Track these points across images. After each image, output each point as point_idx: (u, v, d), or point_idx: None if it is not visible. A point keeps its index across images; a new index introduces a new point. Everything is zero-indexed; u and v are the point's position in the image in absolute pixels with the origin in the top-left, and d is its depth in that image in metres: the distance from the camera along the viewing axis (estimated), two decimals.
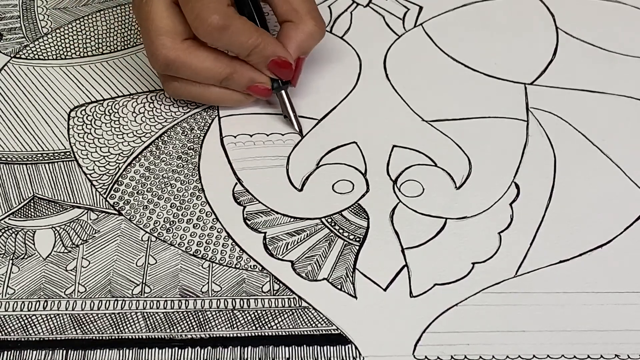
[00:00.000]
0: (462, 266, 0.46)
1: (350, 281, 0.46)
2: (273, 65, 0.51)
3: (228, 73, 0.51)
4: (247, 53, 0.50)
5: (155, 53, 0.50)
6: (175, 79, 0.52)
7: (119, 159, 0.52)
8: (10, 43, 0.59)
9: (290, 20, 0.52)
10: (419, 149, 0.52)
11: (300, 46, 0.52)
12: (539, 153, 0.52)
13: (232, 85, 0.52)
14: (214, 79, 0.51)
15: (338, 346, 0.44)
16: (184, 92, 0.52)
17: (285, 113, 0.53)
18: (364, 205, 0.49)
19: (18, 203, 0.50)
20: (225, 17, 0.48)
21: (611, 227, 0.48)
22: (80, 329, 0.44)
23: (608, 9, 0.61)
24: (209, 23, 0.48)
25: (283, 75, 0.52)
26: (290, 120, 0.53)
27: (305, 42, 0.52)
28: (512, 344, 0.44)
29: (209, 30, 0.48)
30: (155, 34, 0.49)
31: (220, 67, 0.50)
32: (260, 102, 0.54)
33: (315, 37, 0.52)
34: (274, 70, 0.51)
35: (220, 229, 0.48)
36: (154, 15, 0.49)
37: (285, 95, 0.53)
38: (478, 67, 0.57)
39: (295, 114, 0.53)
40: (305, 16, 0.52)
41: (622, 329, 0.44)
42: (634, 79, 0.56)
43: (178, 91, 0.52)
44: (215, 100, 0.53)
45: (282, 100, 0.53)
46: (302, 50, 0.52)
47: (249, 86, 0.52)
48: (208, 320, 0.45)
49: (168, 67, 0.50)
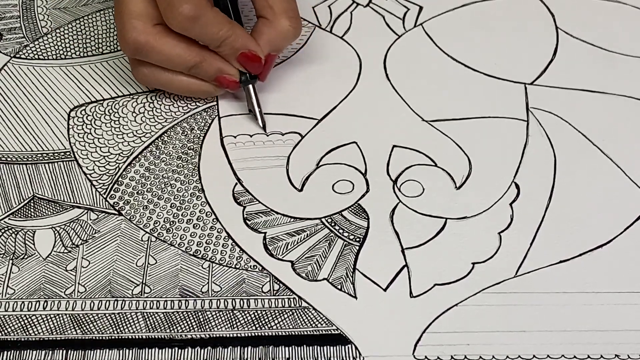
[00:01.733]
0: (462, 266, 0.46)
1: (350, 281, 0.46)
2: (243, 58, 0.51)
3: (197, 61, 0.50)
4: (218, 44, 0.50)
5: (125, 36, 0.49)
6: (145, 65, 0.51)
7: (119, 159, 0.52)
8: (10, 43, 0.59)
9: (265, 17, 0.52)
10: (419, 149, 0.52)
11: (272, 43, 0.52)
12: (539, 153, 0.52)
13: (200, 74, 0.52)
14: (182, 65, 0.51)
15: (338, 346, 0.44)
16: (152, 79, 0.52)
17: (250, 107, 0.53)
18: (364, 205, 0.49)
19: (18, 203, 0.50)
20: (197, 7, 0.48)
21: (611, 227, 0.48)
22: (80, 329, 0.44)
23: (608, 9, 0.61)
24: (179, 12, 0.48)
25: (252, 69, 0.52)
26: (255, 115, 0.53)
27: (277, 40, 0.52)
28: (512, 344, 0.44)
29: (180, 19, 0.48)
30: (127, 17, 0.49)
31: (190, 55, 0.50)
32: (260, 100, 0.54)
33: (287, 36, 0.52)
34: (243, 63, 0.51)
35: (220, 229, 0.48)
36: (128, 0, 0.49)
37: (252, 90, 0.52)
38: (478, 67, 0.57)
39: (261, 110, 0.53)
40: (280, 14, 0.51)
41: (622, 329, 0.44)
42: (634, 79, 0.56)
43: (147, 77, 0.52)
44: (183, 88, 0.53)
45: (248, 94, 0.53)
46: (273, 47, 0.52)
47: (216, 77, 0.52)
48: (208, 321, 0.45)
49: (137, 51, 0.50)
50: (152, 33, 0.49)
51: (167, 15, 0.48)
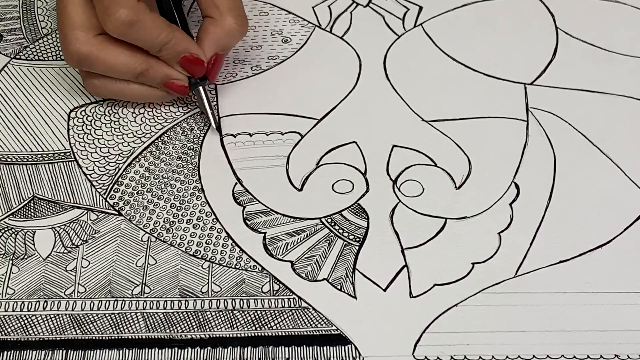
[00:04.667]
0: (462, 266, 0.46)
1: (350, 281, 0.46)
2: (184, 61, 0.50)
3: (143, 69, 0.50)
4: (158, 49, 0.49)
5: (68, 47, 0.49)
6: (95, 76, 0.51)
7: (118, 160, 0.52)
8: (11, 44, 0.59)
9: (211, 16, 0.51)
10: (419, 149, 0.52)
11: (218, 43, 0.51)
12: (539, 153, 0.52)
13: (148, 81, 0.51)
14: (129, 74, 0.50)
15: (338, 346, 0.44)
16: (103, 89, 0.52)
17: (202, 109, 0.53)
18: (363, 205, 0.49)
19: (18, 203, 0.50)
20: (134, 12, 0.47)
21: (611, 227, 0.48)
22: (80, 329, 0.44)
23: (608, 9, 0.61)
24: (116, 17, 0.47)
25: (195, 72, 0.51)
26: (207, 116, 0.52)
27: (223, 39, 0.51)
28: (512, 344, 0.44)
29: (117, 24, 0.47)
30: (69, 29, 0.49)
31: (135, 63, 0.50)
32: (260, 100, 0.54)
33: (234, 35, 0.52)
34: (185, 66, 0.51)
35: (220, 229, 0.48)
36: (69, 10, 0.49)
37: (203, 92, 0.52)
38: (478, 67, 0.57)
39: (212, 110, 0.52)
40: (226, 13, 0.51)
41: (622, 329, 0.44)
42: (634, 79, 0.56)
43: (98, 89, 0.52)
44: (136, 96, 0.52)
45: (199, 97, 0.52)
46: (219, 47, 0.52)
47: (164, 82, 0.51)
48: (208, 321, 0.45)
49: (81, 62, 0.49)
50: (95, 43, 0.49)
51: (105, 21, 0.48)
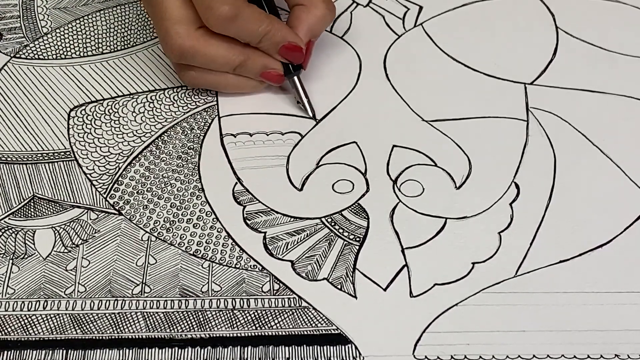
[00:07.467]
0: (462, 266, 0.46)
1: (350, 281, 0.46)
2: (284, 50, 0.52)
3: (241, 60, 0.51)
4: (258, 40, 0.51)
5: (170, 42, 0.50)
6: (191, 68, 0.52)
7: (119, 159, 0.52)
8: (10, 43, 0.59)
9: (301, 4, 0.53)
10: (419, 149, 0.52)
11: (311, 29, 0.52)
12: (539, 153, 0.52)
13: (246, 72, 0.52)
14: (227, 66, 0.52)
15: (338, 346, 0.44)
16: (200, 81, 0.53)
17: (298, 99, 0.54)
18: (364, 205, 0.49)
19: (18, 203, 0.50)
20: (234, 7, 0.48)
21: (611, 227, 0.48)
22: (80, 329, 0.44)
23: (608, 9, 0.61)
24: (219, 13, 0.48)
25: (294, 60, 0.52)
26: (304, 105, 0.53)
27: (316, 25, 0.53)
28: (512, 344, 0.44)
29: (220, 20, 0.49)
30: (170, 23, 0.50)
31: (233, 55, 0.51)
32: (261, 100, 0.54)
33: (326, 19, 0.53)
34: (285, 55, 0.52)
35: (220, 229, 0.48)
36: (167, 5, 0.50)
37: (298, 81, 0.53)
38: (478, 67, 0.57)
39: (309, 99, 0.53)
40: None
41: (622, 329, 0.44)
42: (634, 79, 0.56)
43: (195, 80, 0.53)
44: (231, 87, 0.54)
45: (294, 86, 0.53)
46: (312, 33, 0.53)
47: (261, 72, 0.52)
48: (208, 320, 0.45)
49: (183, 56, 0.50)
50: (196, 37, 0.50)
51: (207, 18, 0.49)
